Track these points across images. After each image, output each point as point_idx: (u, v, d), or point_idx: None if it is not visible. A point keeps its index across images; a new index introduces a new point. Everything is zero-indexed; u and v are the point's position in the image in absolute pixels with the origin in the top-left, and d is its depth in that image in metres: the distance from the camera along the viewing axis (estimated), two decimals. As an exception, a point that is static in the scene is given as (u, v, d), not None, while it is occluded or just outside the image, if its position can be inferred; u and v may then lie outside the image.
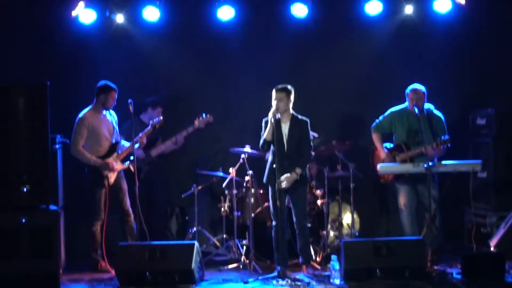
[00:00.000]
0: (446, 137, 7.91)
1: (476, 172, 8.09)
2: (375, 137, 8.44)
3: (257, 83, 9.06)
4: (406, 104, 8.27)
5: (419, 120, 8.04)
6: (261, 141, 7.70)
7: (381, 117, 8.44)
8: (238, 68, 9.39)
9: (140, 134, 8.22)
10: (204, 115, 8.54)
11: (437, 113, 8.28)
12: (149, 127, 8.27)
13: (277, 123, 7.64)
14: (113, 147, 8.16)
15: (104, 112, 8.17)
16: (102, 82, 8.17)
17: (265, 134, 7.64)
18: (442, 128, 8.17)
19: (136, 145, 8.22)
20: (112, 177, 8.07)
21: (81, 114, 8.13)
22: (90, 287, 7.54)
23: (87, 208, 8.21)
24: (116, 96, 8.16)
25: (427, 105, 8.29)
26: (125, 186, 8.24)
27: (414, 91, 8.19)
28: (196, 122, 8.52)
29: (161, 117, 8.33)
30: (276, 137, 7.60)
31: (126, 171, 8.28)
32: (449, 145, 7.89)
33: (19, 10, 9.04)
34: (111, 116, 8.23)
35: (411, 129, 8.22)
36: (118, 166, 8.15)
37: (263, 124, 7.78)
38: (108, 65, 9.12)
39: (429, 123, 8.13)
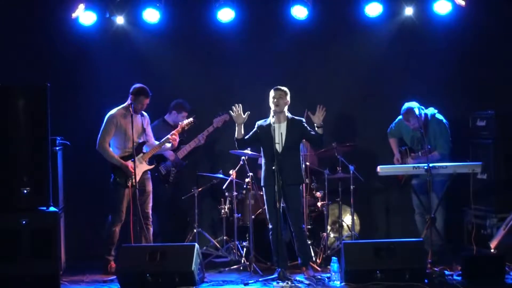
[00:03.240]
0: (428, 147, 8.05)
1: (476, 174, 8.10)
2: (390, 142, 8.72)
3: (257, 84, 9.04)
4: None
5: (419, 131, 8.24)
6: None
7: (392, 124, 8.64)
8: (238, 69, 9.39)
9: (169, 135, 8.22)
10: (220, 114, 8.64)
11: (439, 117, 8.35)
12: (178, 127, 8.30)
13: (268, 128, 7.64)
14: (139, 147, 8.15)
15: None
16: (137, 85, 8.15)
17: (236, 133, 7.70)
18: (439, 134, 8.29)
19: (169, 145, 8.27)
20: (135, 178, 8.01)
21: (111, 112, 8.13)
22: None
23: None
24: (146, 100, 8.10)
25: (431, 110, 8.36)
26: (149, 188, 8.23)
27: (404, 115, 8.34)
28: (215, 122, 8.56)
29: (192, 119, 8.35)
30: (267, 139, 7.62)
31: (153, 173, 8.38)
32: (433, 153, 8.16)
33: (20, 12, 9.04)
34: (142, 117, 8.22)
35: (414, 136, 8.42)
36: (143, 166, 8.14)
37: (256, 126, 7.82)
38: (108, 67, 9.13)
39: (426, 131, 8.24)
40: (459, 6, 8.95)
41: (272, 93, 7.71)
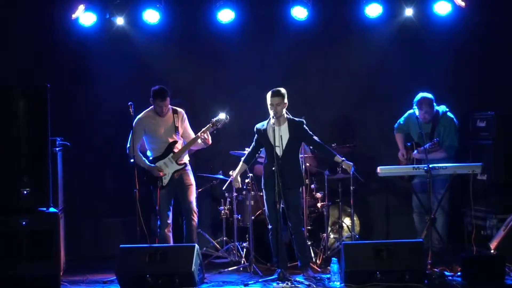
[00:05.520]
0: (435, 140, 8.09)
1: (476, 175, 8.10)
2: (397, 137, 8.67)
3: (257, 85, 9.04)
4: None
5: (428, 125, 8.30)
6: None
7: (401, 119, 8.61)
8: (238, 70, 9.39)
9: (199, 133, 8.08)
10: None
11: (449, 115, 8.38)
12: (209, 124, 8.10)
13: (265, 132, 7.67)
14: (169, 147, 8.10)
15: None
16: (153, 88, 8.06)
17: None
18: (448, 132, 8.29)
19: (199, 141, 8.12)
20: (166, 178, 8.02)
21: (139, 115, 8.09)
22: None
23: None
24: (163, 103, 7.98)
25: (442, 108, 8.39)
26: (188, 181, 8.09)
27: (419, 104, 8.30)
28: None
29: (223, 115, 8.15)
30: (267, 142, 7.64)
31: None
32: (439, 150, 8.18)
33: (20, 13, 9.04)
34: (175, 114, 8.14)
35: (421, 132, 8.31)
36: (173, 166, 8.07)
37: (255, 130, 7.82)
38: (108, 68, 9.14)
39: (436, 127, 8.27)
40: (459, 7, 8.96)
41: (269, 99, 7.64)
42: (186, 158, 8.20)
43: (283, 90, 7.67)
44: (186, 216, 8.12)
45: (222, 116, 8.11)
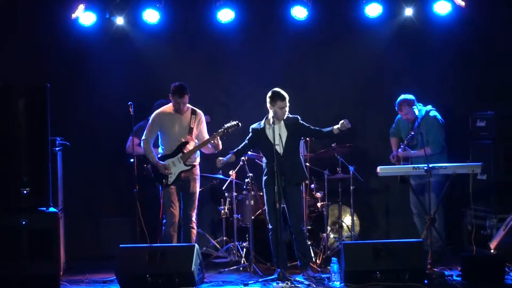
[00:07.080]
0: (409, 136, 8.28)
1: (476, 174, 8.10)
2: (391, 141, 8.72)
3: (257, 85, 9.05)
4: None
5: (414, 126, 8.33)
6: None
7: (394, 123, 8.67)
8: (238, 70, 9.39)
9: (209, 138, 8.00)
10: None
11: (432, 114, 8.36)
12: (220, 130, 7.97)
13: (262, 131, 7.69)
14: (180, 147, 8.02)
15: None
16: (173, 85, 7.99)
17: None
18: (431, 129, 8.30)
19: (209, 145, 8.05)
20: (171, 177, 7.96)
21: (157, 110, 8.08)
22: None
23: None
24: (181, 100, 7.90)
25: (427, 107, 8.39)
26: (194, 189, 8.02)
27: (399, 107, 8.40)
28: None
29: (237, 121, 8.01)
30: (266, 141, 7.64)
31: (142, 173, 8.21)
32: (425, 148, 8.11)
33: (20, 12, 9.05)
34: (193, 115, 8.06)
35: (409, 133, 8.40)
36: (181, 166, 8.00)
37: (250, 130, 7.83)
38: (108, 67, 9.14)
39: (420, 128, 8.24)
40: (459, 6, 8.96)
41: (278, 103, 7.61)
42: (197, 161, 8.14)
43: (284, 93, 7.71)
44: (184, 224, 8.04)
45: (234, 122, 8.04)
